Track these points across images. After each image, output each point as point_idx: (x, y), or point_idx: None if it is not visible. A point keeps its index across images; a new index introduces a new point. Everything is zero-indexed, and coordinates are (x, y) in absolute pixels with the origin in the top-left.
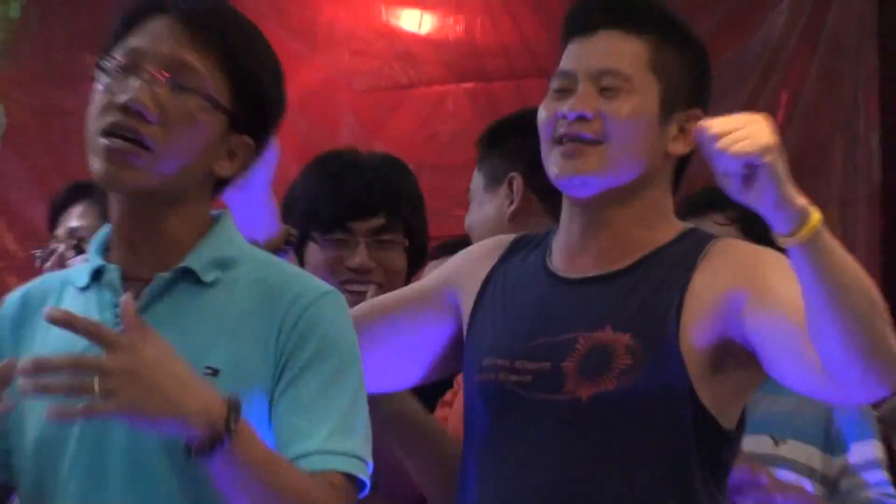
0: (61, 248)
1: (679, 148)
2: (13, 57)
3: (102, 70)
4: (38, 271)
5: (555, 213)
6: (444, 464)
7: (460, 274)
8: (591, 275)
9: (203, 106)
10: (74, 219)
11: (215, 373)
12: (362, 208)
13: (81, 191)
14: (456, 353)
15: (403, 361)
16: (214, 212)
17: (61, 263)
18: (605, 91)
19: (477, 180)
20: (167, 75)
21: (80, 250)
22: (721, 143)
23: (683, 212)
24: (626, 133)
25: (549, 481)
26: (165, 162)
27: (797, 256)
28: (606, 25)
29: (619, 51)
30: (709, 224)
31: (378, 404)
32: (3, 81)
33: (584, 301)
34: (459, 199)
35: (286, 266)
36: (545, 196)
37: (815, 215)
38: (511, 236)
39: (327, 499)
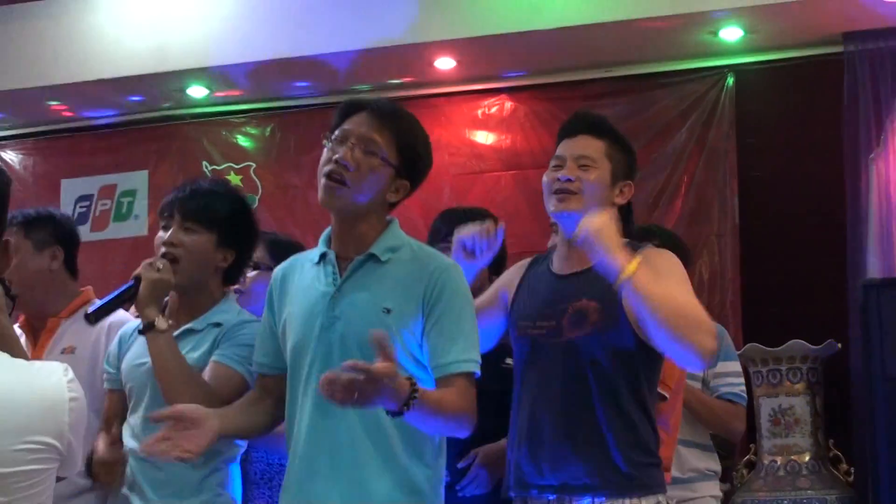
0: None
1: (619, 200)
2: (266, 156)
3: (329, 140)
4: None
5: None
6: None
7: (507, 281)
8: (572, 271)
9: (380, 164)
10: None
11: (389, 311)
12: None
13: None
14: (505, 324)
15: (489, 329)
16: (388, 217)
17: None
18: (581, 166)
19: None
20: (362, 145)
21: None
22: (577, 229)
23: (634, 237)
24: (591, 189)
25: (557, 388)
26: (357, 194)
27: (623, 290)
28: (583, 132)
29: (590, 145)
30: (648, 245)
31: None
32: (260, 169)
33: (570, 286)
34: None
35: (428, 249)
36: None
37: (630, 267)
38: (529, 259)
39: (465, 400)
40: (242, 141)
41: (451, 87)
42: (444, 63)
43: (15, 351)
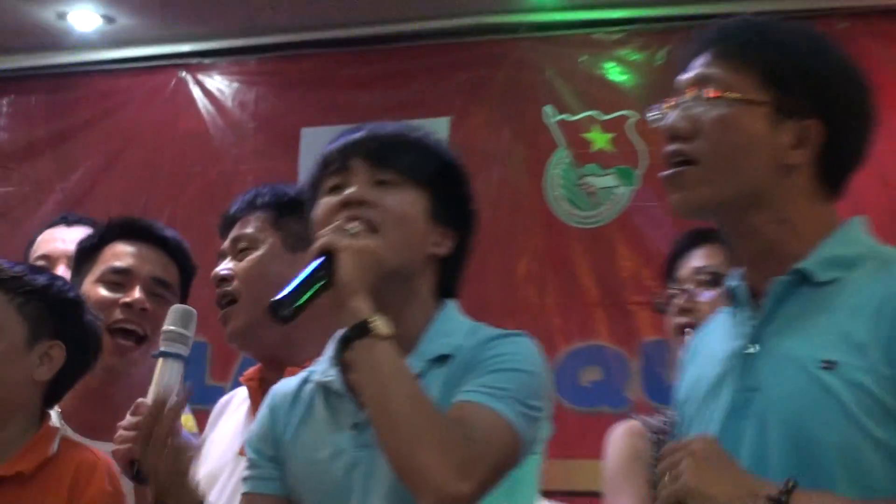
0: (690, 286)
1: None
2: (656, 100)
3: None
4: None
5: None
6: None
7: None
8: None
9: (726, 105)
10: (698, 259)
11: (832, 365)
12: None
13: (702, 236)
14: None
15: None
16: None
17: (691, 300)
18: None
19: None
20: (709, 91)
21: (714, 283)
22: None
23: None
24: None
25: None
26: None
27: None
28: None
29: None
30: None
31: None
32: (644, 123)
33: None
34: None
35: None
36: None
37: None
38: None
39: None
40: (614, 73)
41: None
42: None
43: None
